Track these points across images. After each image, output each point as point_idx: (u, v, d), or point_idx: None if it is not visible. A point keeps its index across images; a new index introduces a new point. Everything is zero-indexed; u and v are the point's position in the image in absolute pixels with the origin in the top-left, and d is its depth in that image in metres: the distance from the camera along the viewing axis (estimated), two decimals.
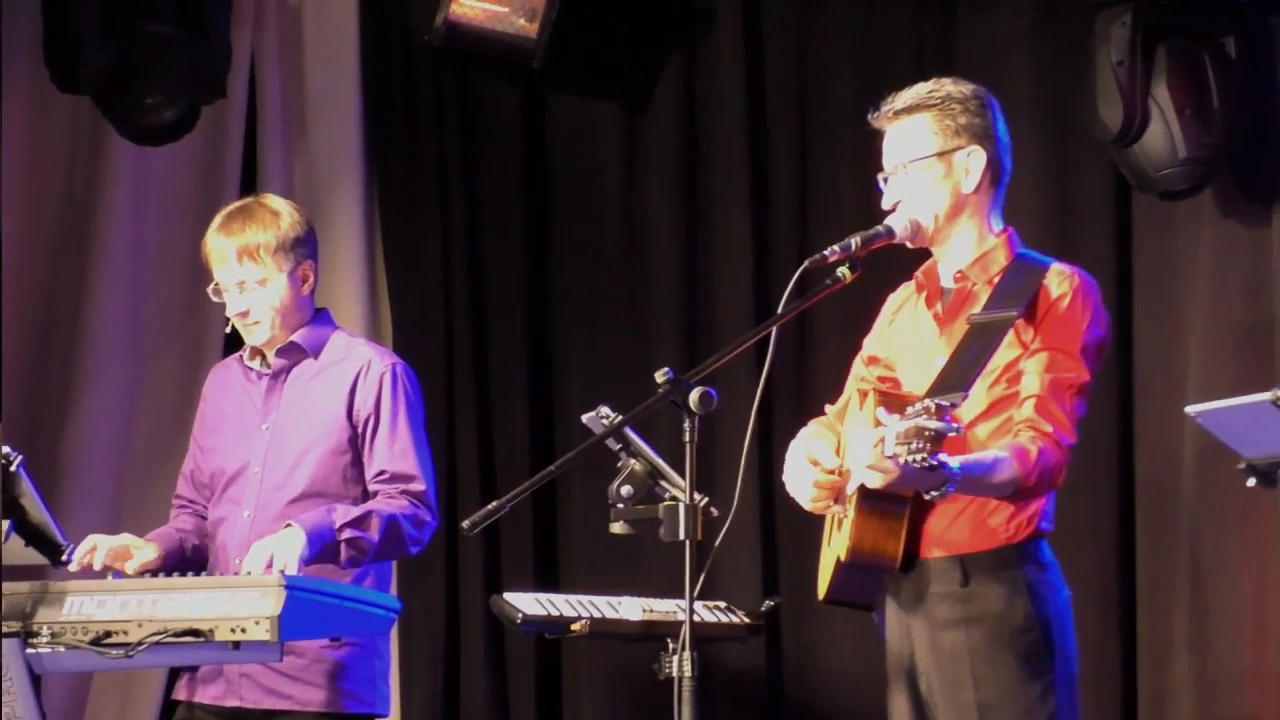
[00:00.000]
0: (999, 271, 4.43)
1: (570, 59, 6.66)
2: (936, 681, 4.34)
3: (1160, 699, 6.17)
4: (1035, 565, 4.34)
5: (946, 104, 4.45)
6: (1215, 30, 6.02)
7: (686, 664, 4.17)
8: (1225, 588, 6.08)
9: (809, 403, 6.31)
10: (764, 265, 6.61)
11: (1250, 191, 6.11)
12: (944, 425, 3.93)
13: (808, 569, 6.19)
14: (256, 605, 4.43)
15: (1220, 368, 6.08)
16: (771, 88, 6.70)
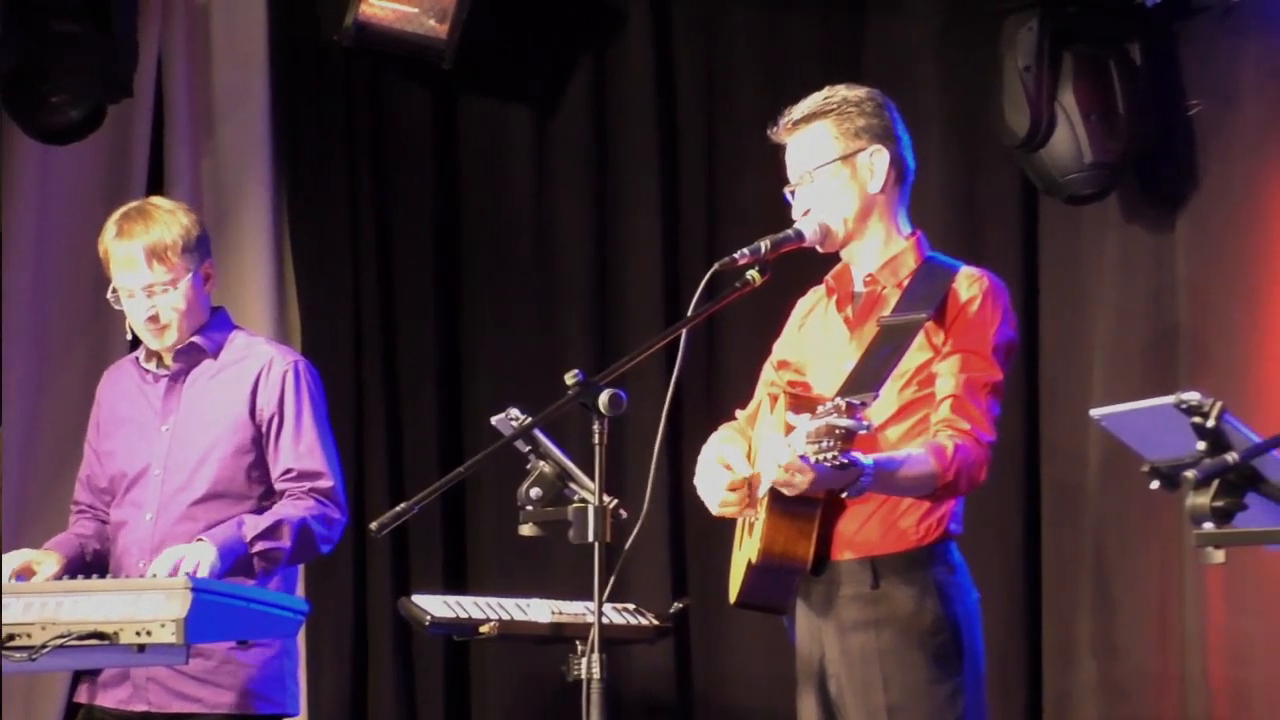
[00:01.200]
0: (908, 274, 4.46)
1: (481, 60, 6.65)
2: (846, 683, 4.36)
3: (1065, 701, 6.22)
4: (945, 567, 4.37)
5: (843, 108, 4.48)
6: (1121, 36, 6.07)
7: (595, 666, 4.17)
8: (1129, 590, 6.13)
9: (719, 405, 6.32)
10: (673, 268, 6.62)
11: (1155, 196, 6.16)
12: (854, 423, 3.95)
13: (717, 571, 6.21)
14: (162, 608, 4.39)
15: (1125, 371, 6.13)
16: (681, 91, 6.72)
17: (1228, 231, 5.98)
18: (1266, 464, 3.12)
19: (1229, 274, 5.97)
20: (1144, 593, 6.10)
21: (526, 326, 6.73)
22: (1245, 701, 5.85)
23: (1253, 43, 5.92)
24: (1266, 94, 5.90)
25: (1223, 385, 5.73)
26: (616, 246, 6.71)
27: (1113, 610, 6.15)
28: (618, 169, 6.73)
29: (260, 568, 4.90)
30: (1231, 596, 5.83)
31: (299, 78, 6.78)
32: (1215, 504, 3.07)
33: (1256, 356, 5.89)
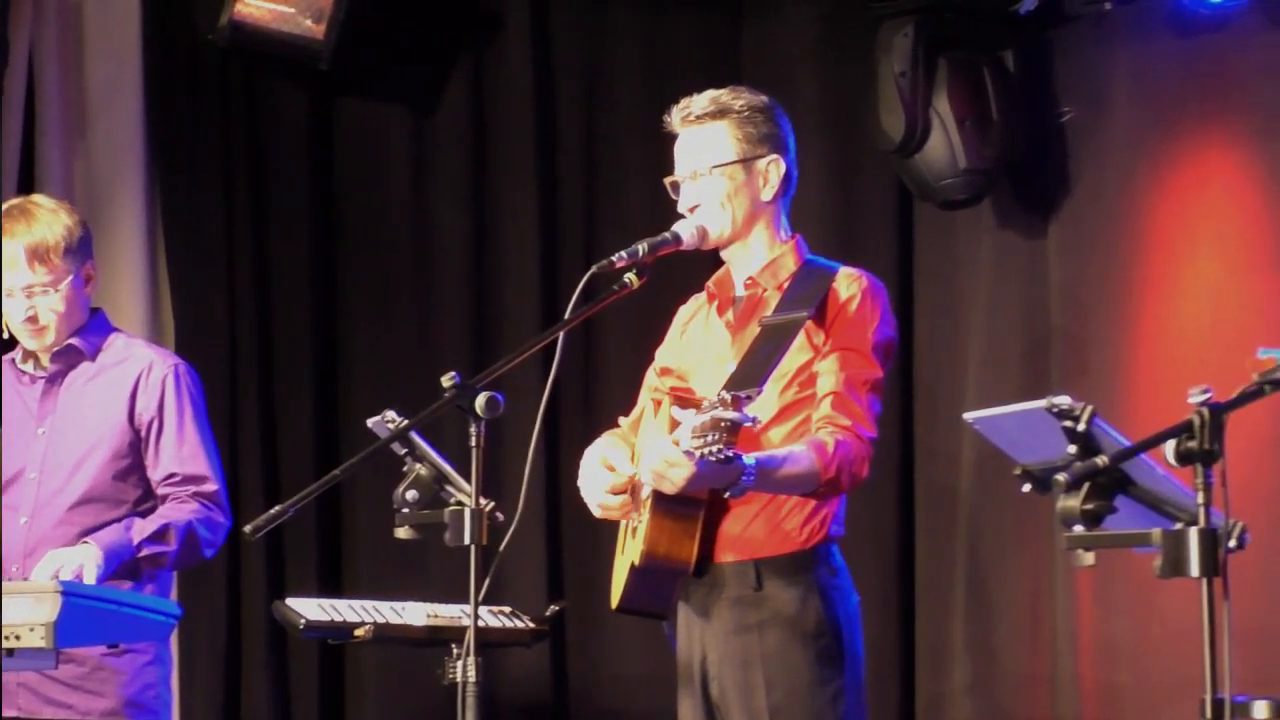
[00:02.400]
0: (788, 277, 4.47)
1: (358, 61, 6.62)
2: (729, 685, 4.36)
3: (938, 702, 6.27)
4: (827, 569, 4.38)
5: (748, 112, 4.48)
6: (995, 43, 6.13)
7: (470, 669, 4.16)
8: (1002, 592, 6.18)
9: (596, 408, 6.34)
10: (551, 271, 6.62)
11: (1028, 201, 6.22)
12: (739, 415, 3.95)
13: (593, 573, 6.23)
14: (31, 612, 4.34)
15: (998, 374, 6.18)
16: (560, 95, 6.72)
17: (1099, 236, 6.04)
18: (1136, 467, 3.15)
19: (1101, 278, 6.03)
20: (1016, 594, 6.15)
21: (404, 329, 6.71)
22: (1114, 701, 5.92)
23: (1123, 51, 6.00)
24: (1137, 101, 5.97)
25: (1094, 388, 5.80)
26: (494, 249, 6.70)
27: (985, 612, 6.20)
28: (496, 171, 6.72)
29: (146, 571, 4.85)
30: (1101, 598, 5.90)
31: (173, 77, 6.72)
32: (1085, 507, 3.10)
33: (1128, 360, 5.96)
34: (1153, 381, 5.82)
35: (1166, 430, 3.07)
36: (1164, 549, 3.06)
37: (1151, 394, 5.79)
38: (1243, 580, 3.20)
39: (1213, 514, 3.06)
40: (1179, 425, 3.06)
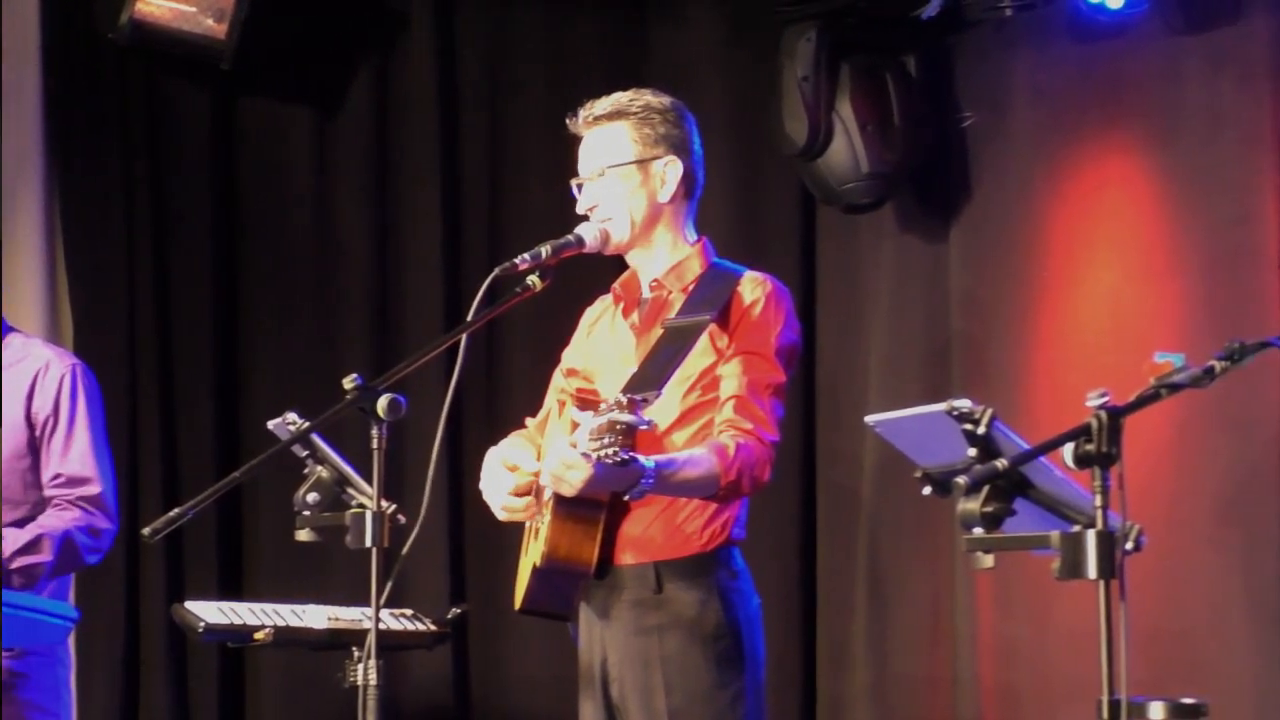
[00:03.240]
0: (694, 279, 4.48)
1: (261, 61, 6.58)
2: (629, 688, 4.37)
3: (838, 704, 6.30)
4: (728, 572, 4.39)
5: (646, 113, 4.49)
6: (897, 48, 6.16)
7: (371, 672, 4.14)
8: (902, 593, 6.21)
9: (499, 410, 6.33)
10: (455, 273, 6.61)
11: (930, 206, 6.26)
12: (635, 418, 3.96)
13: (496, 576, 6.22)
14: None
15: (900, 377, 6.21)
16: (464, 95, 6.70)
17: (1000, 240, 6.09)
18: (1035, 470, 3.17)
19: (1001, 282, 6.08)
20: (916, 596, 6.19)
21: (305, 330, 6.68)
22: (1013, 703, 5.96)
23: (1023, 56, 6.04)
24: (1037, 106, 6.01)
25: (994, 391, 5.84)
26: (397, 250, 6.68)
27: (886, 613, 6.23)
28: (399, 173, 6.70)
29: (20, 584, 4.80)
30: (1000, 600, 5.94)
31: (73, 76, 6.66)
32: (985, 509, 3.12)
33: (1027, 363, 6.00)
34: (1052, 385, 5.87)
35: (1065, 433, 3.09)
36: (1062, 551, 3.08)
37: (1050, 397, 5.84)
38: (1139, 582, 3.23)
39: (1110, 516, 3.08)
40: (1077, 428, 3.08)
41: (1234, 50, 5.59)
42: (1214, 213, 5.63)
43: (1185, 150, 5.70)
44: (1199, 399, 3.62)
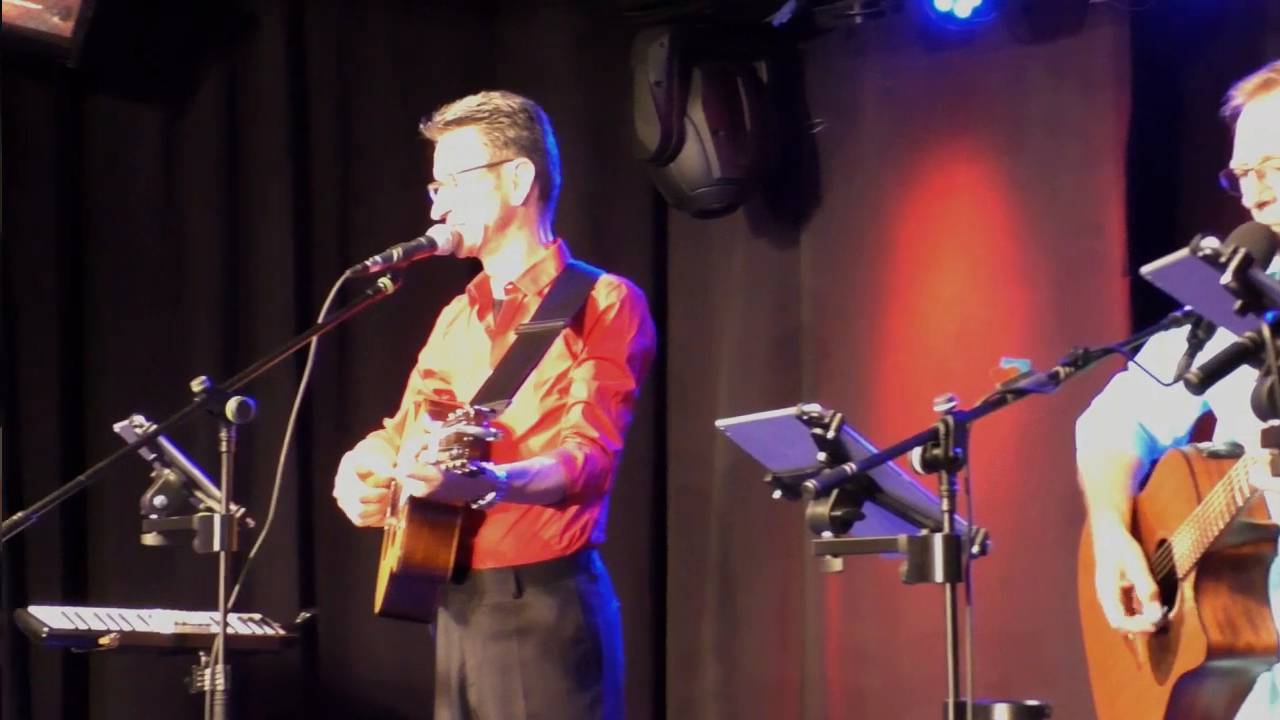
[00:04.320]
0: (549, 283, 4.48)
1: (109, 60, 6.50)
2: (487, 692, 4.36)
3: (688, 706, 6.32)
4: (587, 576, 4.39)
5: (495, 117, 4.49)
6: (748, 54, 6.20)
7: (219, 677, 4.11)
8: (752, 597, 6.25)
9: (350, 413, 6.29)
10: (306, 274, 6.56)
11: (780, 211, 6.30)
12: (482, 430, 3.96)
13: (348, 580, 6.19)
14: None
15: (751, 381, 6.25)
16: (314, 95, 6.66)
17: (849, 246, 6.13)
18: (883, 474, 3.20)
19: (850, 287, 6.12)
20: (766, 599, 6.22)
21: (154, 331, 6.60)
22: (861, 705, 6.01)
23: (873, 64, 6.10)
24: (886, 113, 6.07)
25: (844, 396, 5.88)
26: (248, 252, 6.63)
27: (736, 617, 6.26)
28: (250, 173, 6.65)
29: None
30: (849, 603, 5.99)
31: None
32: (834, 513, 3.14)
33: (876, 368, 6.05)
34: (900, 389, 5.92)
35: (912, 438, 3.12)
36: (909, 555, 3.11)
37: (899, 402, 5.89)
38: (986, 586, 3.26)
39: (956, 520, 3.11)
40: (924, 433, 3.11)
41: (1078, 60, 5.67)
42: (1059, 220, 5.71)
43: (1031, 158, 5.77)
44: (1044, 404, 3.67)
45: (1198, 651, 3.46)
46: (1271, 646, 3.45)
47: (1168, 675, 3.54)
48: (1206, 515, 3.46)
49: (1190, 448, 3.60)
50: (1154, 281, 2.83)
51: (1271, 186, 3.47)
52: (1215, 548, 3.45)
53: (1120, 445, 3.77)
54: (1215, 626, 3.46)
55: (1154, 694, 3.57)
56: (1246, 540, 3.44)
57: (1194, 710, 3.53)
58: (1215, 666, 3.47)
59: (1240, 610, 3.47)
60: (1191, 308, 3.14)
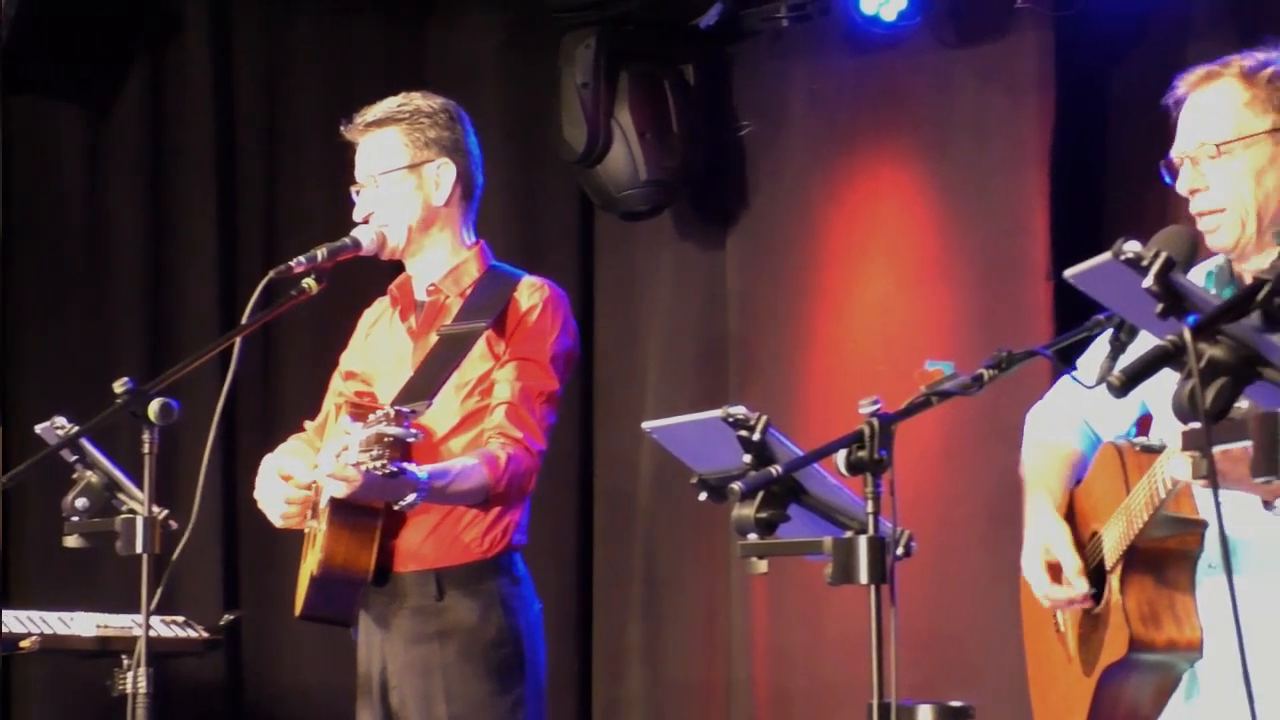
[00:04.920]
0: (471, 284, 4.48)
1: (32, 58, 6.45)
2: (409, 694, 4.35)
3: (614, 708, 6.32)
4: (509, 579, 4.39)
5: (415, 118, 4.48)
6: (676, 57, 6.20)
7: (142, 680, 4.09)
8: (678, 598, 6.25)
9: (274, 414, 6.27)
10: (230, 275, 6.53)
11: (707, 213, 6.31)
12: (403, 431, 3.96)
13: (271, 581, 6.16)
14: None
15: (677, 383, 6.25)
16: (240, 94, 6.63)
17: (776, 249, 6.15)
18: (808, 476, 3.21)
19: (777, 290, 6.14)
20: (692, 601, 6.23)
21: (76, 332, 6.56)
22: (786, 706, 6.02)
23: (799, 67, 6.11)
24: (813, 116, 6.09)
25: (770, 398, 5.89)
26: (172, 252, 6.59)
27: (661, 618, 6.27)
28: (174, 173, 6.61)
29: None
30: (775, 605, 6.00)
31: None
32: (759, 515, 3.15)
33: (802, 370, 6.07)
34: (826, 392, 5.94)
35: (838, 440, 3.13)
36: (834, 556, 3.11)
37: (824, 404, 5.91)
38: (910, 587, 3.27)
39: (881, 522, 3.12)
40: (850, 435, 3.11)
41: (1003, 64, 5.70)
42: (984, 223, 5.74)
43: (957, 161, 5.80)
44: (969, 406, 3.69)
45: (1120, 644, 3.49)
46: (1195, 641, 3.47)
47: (1094, 667, 3.57)
48: (1131, 508, 3.49)
49: (1125, 441, 3.62)
50: (1077, 285, 2.85)
51: (1205, 174, 3.52)
52: (1141, 541, 3.47)
53: (1064, 438, 3.79)
54: (1139, 619, 3.48)
55: (1082, 686, 3.59)
56: (1172, 534, 3.46)
57: (1120, 702, 3.55)
58: (1139, 660, 3.50)
59: (1165, 604, 3.49)
60: (1114, 311, 3.16)
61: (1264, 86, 3.53)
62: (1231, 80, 3.54)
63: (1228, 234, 3.53)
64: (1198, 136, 3.54)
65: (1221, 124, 3.52)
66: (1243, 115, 3.52)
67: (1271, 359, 2.62)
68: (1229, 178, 3.51)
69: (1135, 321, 3.08)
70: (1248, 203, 3.50)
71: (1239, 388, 2.64)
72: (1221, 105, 3.53)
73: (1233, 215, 3.51)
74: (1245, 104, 3.52)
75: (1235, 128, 3.51)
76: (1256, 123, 3.51)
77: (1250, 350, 2.63)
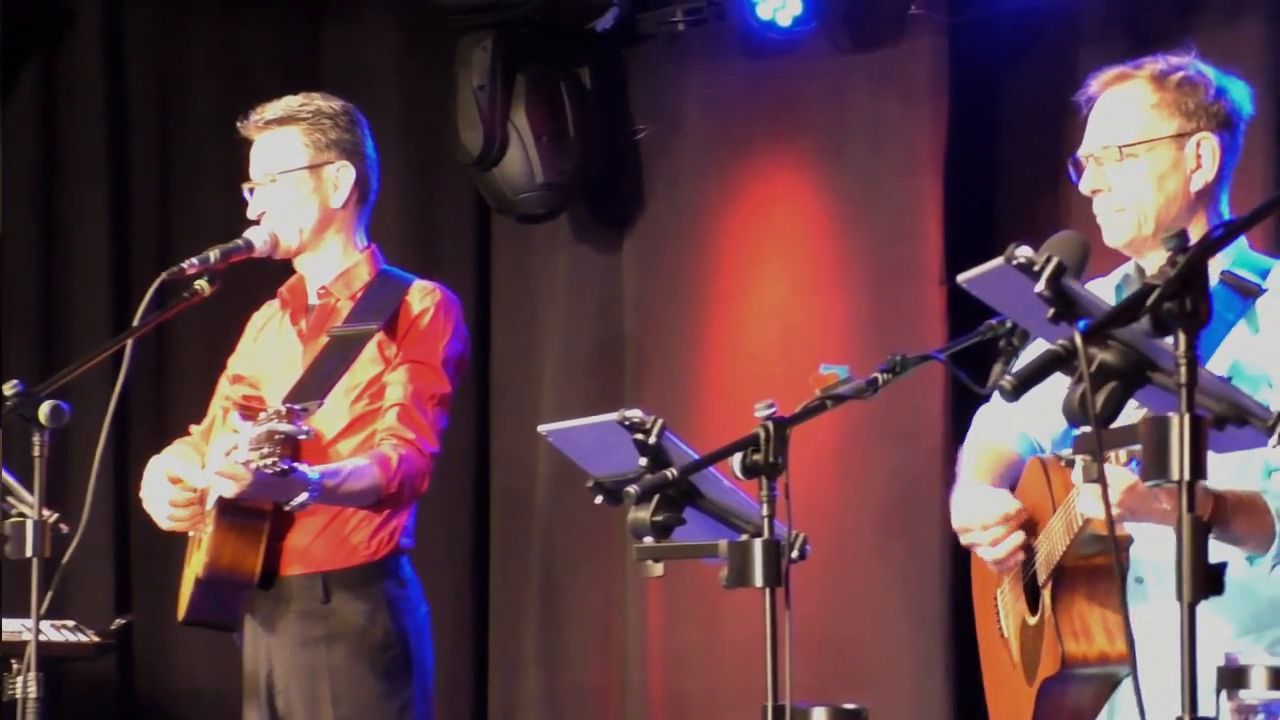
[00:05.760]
0: (362, 287, 4.47)
1: None
2: (295, 698, 4.34)
3: (510, 712, 6.31)
4: (396, 581, 4.38)
5: (317, 118, 4.47)
6: (572, 60, 6.20)
7: (32, 685, 4.05)
8: (575, 602, 6.25)
9: (167, 416, 6.22)
10: (123, 276, 6.48)
11: (603, 217, 6.31)
12: (294, 428, 3.95)
13: (162, 586, 6.09)
14: None
15: (574, 386, 6.25)
16: (133, 95, 6.57)
17: (672, 252, 6.16)
18: (704, 480, 3.22)
19: (673, 293, 6.15)
20: (588, 604, 6.23)
21: None
22: (682, 709, 6.03)
23: (695, 71, 6.13)
24: (708, 120, 6.10)
25: (666, 401, 5.90)
26: (63, 252, 6.52)
27: (558, 622, 6.27)
28: (65, 173, 6.54)
29: None
30: (670, 608, 6.01)
31: None
32: (655, 518, 3.15)
33: (698, 374, 6.08)
34: (721, 395, 5.95)
35: (733, 443, 3.14)
36: (730, 560, 3.12)
37: (720, 407, 5.92)
38: (805, 590, 3.29)
39: (776, 525, 3.13)
40: (745, 439, 3.12)
41: (898, 70, 5.74)
42: (879, 228, 5.77)
43: (851, 166, 5.83)
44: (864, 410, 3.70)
45: (1054, 660, 3.51)
46: (1126, 655, 3.49)
47: (1034, 678, 3.59)
48: (1053, 532, 3.51)
49: (1050, 456, 3.64)
50: (970, 289, 2.87)
51: (1108, 176, 3.55)
52: (1069, 560, 3.49)
53: (1004, 440, 3.79)
54: (1070, 636, 3.50)
55: (1025, 694, 3.62)
56: (1100, 550, 3.48)
57: (1062, 710, 3.57)
58: (1074, 673, 3.52)
59: (1096, 619, 3.51)
60: (1007, 315, 3.18)
61: (1173, 91, 3.55)
62: (1142, 82, 3.57)
63: (1125, 231, 3.55)
64: (1103, 138, 3.56)
65: (1127, 126, 3.54)
66: (1149, 118, 3.54)
67: (1161, 363, 2.65)
68: (1131, 180, 3.53)
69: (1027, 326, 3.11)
70: (1147, 207, 3.53)
71: (1129, 392, 2.67)
72: (1129, 107, 3.55)
73: (1131, 216, 3.54)
74: (1152, 106, 3.54)
75: (1140, 130, 3.54)
76: (1162, 127, 3.54)
77: (1140, 355, 2.66)
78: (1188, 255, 2.53)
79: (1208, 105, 3.55)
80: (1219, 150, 3.54)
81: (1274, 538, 3.35)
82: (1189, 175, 3.54)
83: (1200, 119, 3.54)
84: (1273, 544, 3.35)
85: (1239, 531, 3.32)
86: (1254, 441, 2.70)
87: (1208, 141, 3.54)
